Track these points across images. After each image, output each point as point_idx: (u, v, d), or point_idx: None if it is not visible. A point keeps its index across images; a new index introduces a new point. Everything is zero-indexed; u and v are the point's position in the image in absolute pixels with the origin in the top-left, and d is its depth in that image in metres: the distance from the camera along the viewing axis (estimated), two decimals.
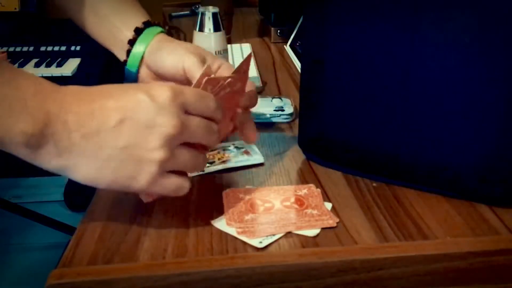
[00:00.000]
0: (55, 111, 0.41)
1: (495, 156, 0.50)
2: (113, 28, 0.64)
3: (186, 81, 0.57)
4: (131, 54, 0.62)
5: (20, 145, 0.40)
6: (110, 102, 0.43)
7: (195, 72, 0.55)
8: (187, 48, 0.58)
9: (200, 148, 0.48)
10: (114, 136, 0.42)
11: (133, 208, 0.52)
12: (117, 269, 0.43)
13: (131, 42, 0.62)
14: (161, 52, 0.60)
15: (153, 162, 0.43)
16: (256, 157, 0.62)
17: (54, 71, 1.51)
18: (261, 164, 0.61)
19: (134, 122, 0.42)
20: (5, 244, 1.83)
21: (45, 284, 0.42)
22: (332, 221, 0.49)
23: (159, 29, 0.63)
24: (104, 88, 0.45)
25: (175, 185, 0.45)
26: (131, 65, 0.62)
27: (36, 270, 1.60)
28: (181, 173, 0.47)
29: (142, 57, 0.62)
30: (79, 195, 2.04)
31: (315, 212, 0.51)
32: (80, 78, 1.52)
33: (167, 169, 0.45)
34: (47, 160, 0.42)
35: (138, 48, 0.62)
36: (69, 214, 2.01)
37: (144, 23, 0.63)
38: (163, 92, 0.43)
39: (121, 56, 0.64)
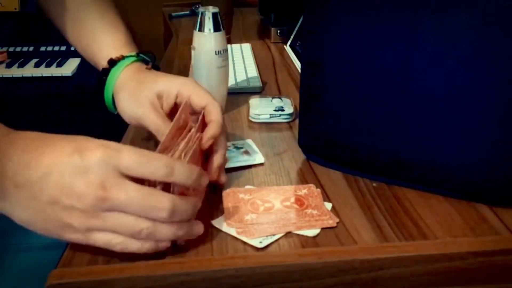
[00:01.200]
0: None
1: (495, 156, 0.50)
2: (92, 44, 0.67)
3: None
4: (105, 85, 0.64)
5: None
6: (45, 154, 0.42)
7: (158, 129, 0.57)
8: (146, 97, 0.59)
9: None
10: (40, 189, 0.42)
11: None
12: (117, 269, 0.43)
13: (105, 72, 0.64)
14: (123, 95, 0.62)
15: (71, 222, 0.42)
16: (257, 157, 0.62)
17: (54, 71, 1.51)
18: (261, 164, 0.61)
19: (58, 179, 0.41)
20: (5, 244, 1.83)
21: (45, 284, 0.42)
22: (332, 221, 0.49)
23: (132, 58, 0.65)
24: (50, 139, 0.45)
25: (103, 241, 0.43)
26: (107, 99, 0.65)
27: (36, 270, 1.60)
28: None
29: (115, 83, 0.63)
30: None
31: (315, 212, 0.51)
32: (80, 78, 1.52)
33: (93, 228, 0.42)
34: None
35: (109, 81, 0.64)
36: None
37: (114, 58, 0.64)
38: (94, 152, 0.42)
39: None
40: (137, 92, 0.60)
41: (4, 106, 1.96)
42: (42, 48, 1.65)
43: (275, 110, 0.74)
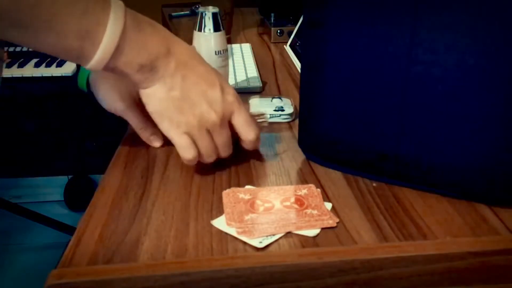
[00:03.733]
0: (165, 53, 0.53)
1: (495, 156, 0.50)
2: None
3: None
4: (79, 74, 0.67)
5: (135, 73, 0.52)
6: (201, 69, 0.56)
7: (138, 126, 0.65)
8: (129, 93, 0.64)
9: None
10: (185, 90, 0.54)
11: (133, 208, 0.52)
12: (117, 269, 0.43)
13: None
14: (104, 83, 0.65)
15: (182, 122, 0.55)
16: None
17: (54, 71, 1.51)
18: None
19: (200, 95, 0.55)
20: (5, 244, 1.83)
21: (45, 284, 0.42)
22: (332, 221, 0.49)
23: None
24: (197, 55, 0.59)
25: (185, 142, 0.55)
26: (81, 77, 0.68)
27: (36, 270, 1.60)
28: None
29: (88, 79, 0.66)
30: (79, 195, 2.04)
31: (315, 212, 0.51)
32: None
33: (189, 134, 0.55)
34: (141, 81, 0.53)
35: (83, 70, 0.67)
36: (69, 214, 2.01)
37: None
38: (231, 95, 0.57)
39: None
40: (119, 85, 0.63)
41: (4, 106, 1.96)
42: None
43: (275, 110, 0.74)
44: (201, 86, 0.55)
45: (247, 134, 0.59)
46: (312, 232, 0.48)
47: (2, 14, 0.43)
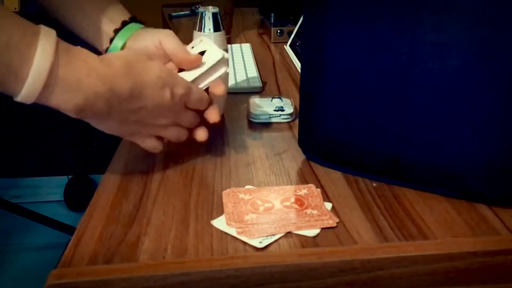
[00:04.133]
0: (95, 88, 0.49)
1: (495, 156, 0.50)
2: (99, 22, 0.66)
3: (165, 58, 0.62)
4: (114, 40, 0.64)
5: (72, 113, 0.49)
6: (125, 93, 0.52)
7: (174, 49, 0.61)
8: (164, 31, 0.63)
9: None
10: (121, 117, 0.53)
11: (133, 208, 0.52)
12: (117, 269, 0.43)
13: (116, 32, 0.64)
14: (143, 36, 0.63)
15: (160, 118, 0.56)
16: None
17: None
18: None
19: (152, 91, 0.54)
20: (5, 244, 1.83)
21: (45, 284, 0.42)
22: (332, 221, 0.49)
23: (142, 25, 0.67)
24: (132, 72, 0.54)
25: (174, 134, 0.59)
26: (114, 48, 0.65)
27: (36, 270, 1.60)
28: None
29: (125, 43, 0.64)
30: (79, 195, 2.04)
31: (315, 212, 0.51)
32: None
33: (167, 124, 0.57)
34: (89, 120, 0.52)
35: (122, 36, 0.64)
36: (69, 214, 2.01)
37: (130, 18, 0.66)
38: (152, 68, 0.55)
39: (104, 46, 0.66)
40: (157, 31, 0.63)
41: (4, 106, 1.96)
42: None
43: (275, 110, 0.74)
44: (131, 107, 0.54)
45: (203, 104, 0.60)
46: (312, 232, 0.48)
47: None
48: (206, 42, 0.65)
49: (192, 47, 0.64)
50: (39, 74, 0.45)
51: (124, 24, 0.65)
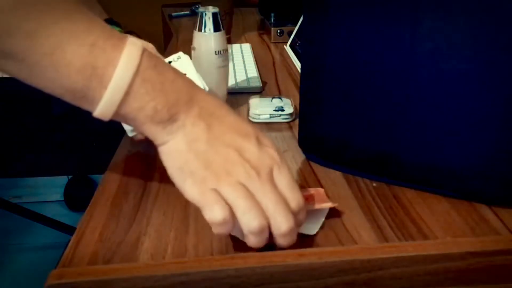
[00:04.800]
0: (185, 99, 0.44)
1: (495, 156, 0.50)
2: None
3: None
4: None
5: (148, 120, 0.43)
6: (230, 119, 0.46)
7: None
8: (146, 44, 0.60)
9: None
10: (211, 145, 0.44)
11: (133, 208, 0.52)
12: (117, 269, 0.43)
13: None
14: None
15: (209, 183, 0.43)
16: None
17: None
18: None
19: (231, 150, 0.44)
20: (5, 244, 1.83)
21: (45, 284, 0.42)
22: (330, 204, 0.50)
23: (119, 28, 0.64)
24: (225, 105, 0.48)
25: (218, 204, 0.43)
26: None
27: (36, 270, 1.60)
28: None
29: None
30: (79, 195, 2.04)
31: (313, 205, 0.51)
32: None
33: (219, 192, 0.43)
34: (156, 132, 0.45)
35: None
36: (69, 214, 2.01)
37: (106, 19, 0.63)
38: (271, 150, 0.45)
39: None
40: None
41: (4, 106, 1.96)
42: None
43: (275, 110, 0.74)
44: (231, 136, 0.45)
45: (291, 201, 0.45)
46: (312, 229, 0.48)
47: None
48: (185, 62, 0.63)
49: (169, 62, 0.63)
50: (125, 76, 0.41)
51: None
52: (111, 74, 0.41)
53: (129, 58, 0.42)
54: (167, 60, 0.60)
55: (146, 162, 0.61)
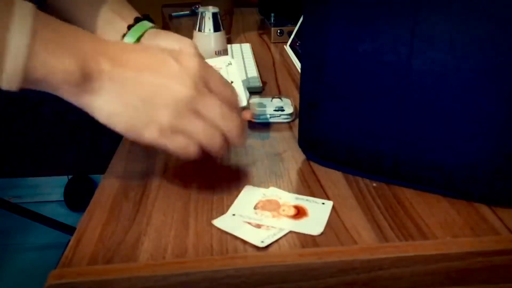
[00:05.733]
0: (92, 53, 0.44)
1: (495, 156, 0.50)
2: (110, 18, 0.66)
3: None
4: (127, 36, 0.63)
5: (61, 82, 0.43)
6: (141, 55, 0.47)
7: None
8: (186, 40, 0.62)
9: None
10: (135, 85, 0.45)
11: (133, 208, 0.52)
12: (117, 269, 0.43)
13: (130, 27, 0.64)
14: (163, 37, 0.62)
15: (160, 120, 0.46)
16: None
17: None
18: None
19: (156, 78, 0.46)
20: (5, 244, 1.83)
21: (45, 284, 0.42)
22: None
23: (153, 25, 0.66)
24: (139, 45, 0.51)
25: (180, 143, 0.47)
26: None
27: (36, 270, 1.60)
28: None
29: (138, 40, 0.63)
30: (79, 195, 2.04)
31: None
32: None
33: (176, 129, 0.46)
34: (76, 96, 0.44)
35: (135, 31, 0.63)
36: (69, 214, 2.01)
37: (143, 15, 0.66)
38: (190, 60, 0.47)
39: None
40: (172, 34, 0.63)
41: (4, 106, 1.96)
42: None
43: (275, 110, 0.74)
44: (151, 71, 0.46)
45: (230, 97, 0.50)
46: (313, 230, 0.48)
47: None
48: (234, 69, 0.62)
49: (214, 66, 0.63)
50: (22, 38, 0.40)
51: (137, 20, 0.64)
52: (8, 40, 0.39)
53: (22, 18, 0.40)
54: (211, 62, 0.60)
55: (146, 162, 0.61)
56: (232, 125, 0.49)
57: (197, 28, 0.74)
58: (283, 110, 0.74)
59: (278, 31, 1.21)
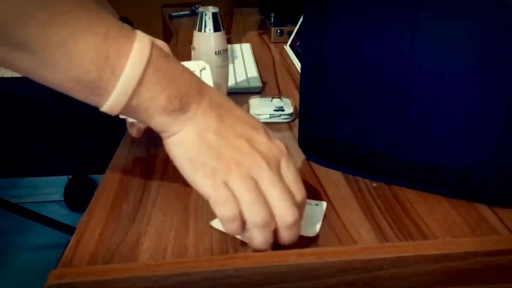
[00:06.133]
0: (195, 91, 0.45)
1: (495, 156, 0.50)
2: None
3: None
4: None
5: (159, 109, 0.43)
6: (236, 111, 0.46)
7: None
8: (159, 42, 0.61)
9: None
10: (225, 139, 0.44)
11: (133, 208, 0.52)
12: (117, 269, 0.43)
13: None
14: None
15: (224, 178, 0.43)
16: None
17: None
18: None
19: (250, 145, 0.44)
20: (5, 244, 1.83)
21: (45, 284, 0.42)
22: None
23: (130, 26, 0.65)
24: (231, 100, 0.48)
25: (225, 195, 0.44)
26: None
27: (36, 270, 1.60)
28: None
29: None
30: (79, 195, 2.04)
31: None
32: None
33: (239, 181, 0.43)
34: (169, 122, 0.44)
35: None
36: (69, 214, 2.01)
37: (121, 17, 0.64)
38: (281, 144, 0.46)
39: None
40: None
41: (4, 106, 1.96)
42: None
43: (275, 110, 0.74)
44: (242, 127, 0.45)
45: (296, 194, 0.45)
46: (308, 231, 0.48)
47: (1, 31, 0.37)
48: (207, 78, 0.61)
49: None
50: (137, 65, 0.41)
51: None
52: (123, 64, 0.41)
53: (141, 48, 0.42)
54: (186, 65, 0.60)
55: (146, 162, 0.61)
56: (289, 211, 0.44)
57: (197, 28, 0.74)
58: (283, 110, 0.74)
59: (278, 31, 1.21)
